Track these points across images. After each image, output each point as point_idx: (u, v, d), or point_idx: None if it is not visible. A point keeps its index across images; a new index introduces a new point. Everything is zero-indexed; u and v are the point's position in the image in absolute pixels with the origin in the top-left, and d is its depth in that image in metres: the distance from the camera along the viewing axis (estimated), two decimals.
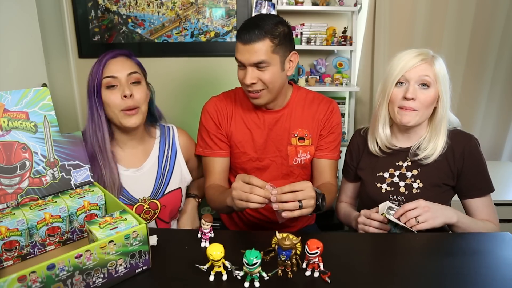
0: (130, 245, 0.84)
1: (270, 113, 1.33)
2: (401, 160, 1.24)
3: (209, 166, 1.34)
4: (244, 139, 1.33)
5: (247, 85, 1.20)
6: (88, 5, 2.34)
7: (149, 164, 1.29)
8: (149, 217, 1.27)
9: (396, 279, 0.87)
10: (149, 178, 1.27)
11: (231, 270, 0.85)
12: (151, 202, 1.26)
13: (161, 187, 1.29)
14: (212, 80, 2.44)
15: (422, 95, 1.13)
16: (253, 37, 1.14)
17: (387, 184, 1.24)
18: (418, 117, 1.15)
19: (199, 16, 2.35)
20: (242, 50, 1.18)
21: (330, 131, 1.34)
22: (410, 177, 1.21)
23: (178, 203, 1.34)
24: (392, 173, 1.24)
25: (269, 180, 1.35)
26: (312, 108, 1.34)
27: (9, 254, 0.88)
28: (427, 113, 1.17)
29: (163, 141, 1.33)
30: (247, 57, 1.17)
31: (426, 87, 1.14)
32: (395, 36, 2.22)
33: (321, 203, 1.06)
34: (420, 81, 1.13)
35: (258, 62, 1.16)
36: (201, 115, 1.37)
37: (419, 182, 1.20)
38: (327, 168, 1.34)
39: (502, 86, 2.31)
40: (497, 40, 2.21)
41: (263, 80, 1.18)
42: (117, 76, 1.16)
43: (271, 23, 1.17)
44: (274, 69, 1.19)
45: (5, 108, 0.91)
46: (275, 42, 1.17)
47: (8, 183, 0.92)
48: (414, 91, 1.13)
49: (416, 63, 1.13)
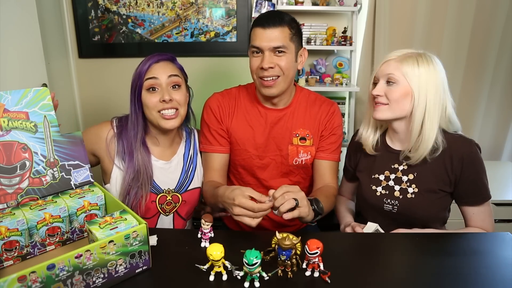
0: (130, 245, 0.84)
1: (273, 111, 1.33)
2: (397, 163, 1.23)
3: (208, 162, 1.35)
4: (245, 136, 1.33)
5: (265, 69, 1.20)
6: (88, 5, 2.34)
7: (177, 160, 1.33)
8: (169, 209, 1.31)
9: (396, 279, 0.87)
10: (176, 172, 1.32)
11: (231, 270, 0.85)
12: (174, 194, 1.30)
13: (185, 182, 1.33)
14: (212, 80, 2.44)
15: (390, 91, 1.15)
16: (275, 22, 1.19)
17: (382, 187, 1.23)
18: (389, 112, 1.16)
19: (199, 16, 2.35)
20: (261, 35, 1.20)
21: (331, 133, 1.34)
22: (406, 181, 1.19)
23: (196, 201, 1.37)
24: (387, 176, 1.23)
25: (268, 179, 1.36)
26: (314, 109, 1.35)
27: (9, 254, 0.88)
28: (401, 108, 1.15)
29: (188, 143, 1.38)
30: (267, 42, 1.19)
31: (391, 84, 1.15)
32: (395, 36, 2.22)
33: (317, 207, 1.08)
34: (386, 79, 1.16)
35: (278, 47, 1.19)
36: (203, 111, 1.37)
37: (414, 187, 1.18)
38: (328, 170, 1.34)
39: (502, 86, 2.31)
40: (497, 40, 2.21)
41: (280, 66, 1.21)
42: (158, 78, 1.19)
43: (289, 17, 1.23)
44: (290, 57, 1.22)
45: (5, 108, 0.91)
46: (292, 32, 1.22)
47: (8, 183, 0.92)
48: (381, 89, 1.16)
49: (384, 61, 1.18)
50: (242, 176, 1.39)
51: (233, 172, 1.41)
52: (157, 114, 1.21)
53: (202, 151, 1.37)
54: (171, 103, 1.20)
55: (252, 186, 1.38)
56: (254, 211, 0.96)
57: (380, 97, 1.16)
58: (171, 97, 1.19)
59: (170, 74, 1.21)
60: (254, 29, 1.22)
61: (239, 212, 0.97)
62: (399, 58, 1.15)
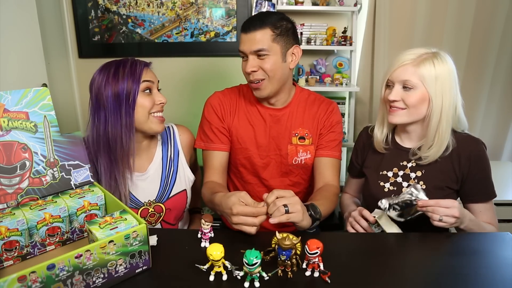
0: (130, 245, 0.84)
1: (272, 111, 1.33)
2: (405, 161, 1.23)
3: (209, 160, 1.34)
4: (246, 134, 1.33)
5: (248, 73, 1.22)
6: (88, 5, 2.34)
7: (153, 168, 1.29)
8: (154, 220, 1.28)
9: (396, 279, 0.87)
10: (154, 182, 1.28)
11: (231, 270, 0.85)
12: (156, 205, 1.27)
13: (166, 190, 1.29)
14: (212, 80, 2.44)
15: (407, 96, 1.13)
16: (255, 25, 1.19)
17: (390, 183, 1.24)
18: (406, 117, 1.16)
19: (199, 16, 2.35)
20: (244, 40, 1.22)
21: (330, 130, 1.34)
22: (414, 178, 1.20)
23: (183, 205, 1.34)
24: (396, 173, 1.24)
25: (269, 178, 1.36)
26: (313, 109, 1.35)
27: (9, 254, 0.88)
28: (418, 113, 1.15)
29: (166, 143, 1.32)
30: (248, 46, 1.20)
31: (408, 89, 1.13)
32: (395, 36, 2.22)
33: (313, 212, 1.06)
34: (402, 84, 1.14)
35: (258, 50, 1.19)
36: (204, 109, 1.37)
37: (422, 184, 1.19)
38: (328, 167, 1.32)
39: (502, 86, 2.31)
40: (497, 40, 2.21)
41: (263, 69, 1.21)
42: (153, 81, 1.20)
43: (275, 17, 1.22)
44: (274, 59, 1.22)
45: (5, 108, 0.91)
46: (276, 32, 1.21)
47: (8, 183, 0.92)
48: (397, 94, 1.14)
49: (400, 65, 1.14)
50: (243, 175, 1.39)
51: (234, 171, 1.41)
52: (151, 117, 1.18)
53: (203, 149, 1.36)
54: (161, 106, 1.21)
55: (253, 185, 1.38)
56: (254, 215, 0.96)
57: (397, 102, 1.15)
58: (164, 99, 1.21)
59: (157, 80, 1.22)
60: (241, 35, 1.24)
61: (237, 221, 0.97)
62: (415, 62, 1.12)
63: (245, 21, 1.24)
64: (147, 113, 1.18)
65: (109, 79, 1.14)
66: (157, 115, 1.20)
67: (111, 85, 1.13)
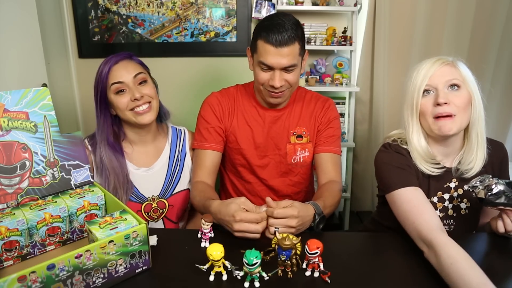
0: (130, 245, 0.84)
1: (271, 111, 1.33)
2: (448, 181, 1.10)
3: (200, 159, 1.31)
4: (244, 135, 1.33)
5: (276, 87, 1.20)
6: (88, 5, 2.34)
7: (160, 164, 1.31)
8: (157, 215, 1.29)
9: (396, 279, 0.87)
10: (159, 178, 1.30)
11: (231, 270, 0.85)
12: (159, 201, 1.29)
13: (170, 187, 1.31)
14: (212, 80, 2.44)
15: (455, 97, 1.01)
16: (286, 40, 1.13)
17: (439, 210, 1.11)
18: (458, 124, 1.02)
19: (199, 16, 2.35)
20: (272, 53, 1.15)
21: (328, 126, 1.34)
22: (457, 197, 1.10)
23: (185, 204, 1.36)
24: (440, 197, 1.11)
25: (268, 178, 1.36)
26: (310, 107, 1.35)
27: (9, 254, 0.88)
28: (466, 117, 1.03)
29: (175, 143, 1.36)
30: (279, 61, 1.16)
31: (456, 88, 1.03)
32: (395, 36, 2.22)
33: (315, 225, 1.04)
34: (448, 84, 1.03)
35: (289, 66, 1.17)
36: (201, 108, 1.36)
37: (466, 202, 1.10)
38: (329, 163, 1.31)
39: (502, 86, 2.31)
40: (497, 40, 2.21)
41: (289, 81, 1.21)
42: (124, 81, 1.18)
43: (294, 24, 1.17)
44: (298, 70, 1.22)
45: (5, 108, 0.91)
46: (301, 45, 1.19)
47: (8, 183, 0.92)
48: (445, 95, 1.01)
49: (438, 67, 1.04)
50: (242, 175, 1.39)
51: (233, 171, 1.41)
52: (130, 113, 1.20)
53: (195, 148, 1.34)
54: (143, 99, 1.19)
55: (252, 184, 1.38)
56: (258, 221, 0.96)
57: (447, 106, 1.01)
58: (141, 93, 1.19)
59: (134, 74, 1.19)
60: (264, 45, 1.15)
61: (240, 228, 0.96)
62: (450, 64, 1.05)
63: (268, 28, 1.14)
64: (126, 112, 1.20)
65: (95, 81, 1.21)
66: (138, 110, 1.20)
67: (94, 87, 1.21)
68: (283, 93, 1.23)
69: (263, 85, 1.24)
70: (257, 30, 1.20)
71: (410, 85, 1.07)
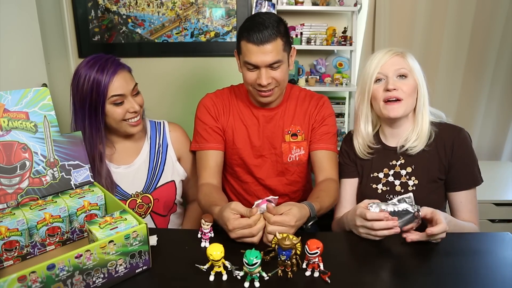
0: (130, 245, 0.84)
1: (265, 111, 1.33)
2: (394, 159, 1.24)
3: (203, 160, 1.31)
4: (240, 135, 1.33)
5: (263, 85, 1.20)
6: (88, 5, 2.34)
7: (140, 161, 1.31)
8: (143, 211, 1.29)
9: (396, 279, 0.87)
10: (141, 174, 1.29)
11: (231, 270, 0.85)
12: (143, 196, 1.29)
13: (153, 181, 1.30)
14: (212, 80, 2.44)
15: (402, 85, 1.16)
16: (267, 37, 1.15)
17: (382, 184, 1.24)
18: (404, 107, 1.16)
19: (199, 16, 2.35)
20: (256, 52, 1.16)
21: (322, 123, 1.33)
22: (405, 175, 1.21)
23: (172, 195, 1.35)
24: (386, 173, 1.24)
25: (265, 178, 1.36)
26: (304, 105, 1.35)
27: (9, 254, 0.88)
28: (412, 102, 1.18)
29: (154, 137, 1.34)
30: (262, 59, 1.16)
31: (404, 78, 1.17)
32: (395, 36, 2.22)
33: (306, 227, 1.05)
34: (397, 73, 1.16)
35: (274, 62, 1.17)
36: (197, 111, 1.36)
37: (414, 179, 1.20)
38: (326, 160, 1.30)
39: (502, 86, 2.31)
40: (497, 40, 2.21)
41: (276, 79, 1.21)
42: (125, 93, 1.18)
43: (275, 21, 1.18)
44: (285, 67, 1.22)
45: (5, 108, 0.91)
46: (284, 40, 1.19)
47: (8, 183, 0.92)
48: (394, 82, 1.15)
49: (389, 58, 1.17)
50: (239, 175, 1.39)
51: (229, 172, 1.41)
52: (124, 123, 1.21)
53: (197, 150, 1.34)
54: (138, 111, 1.21)
55: (249, 184, 1.38)
56: (251, 226, 0.95)
57: (395, 92, 1.15)
58: (139, 105, 1.20)
59: (132, 86, 1.20)
60: (246, 45, 1.17)
61: (235, 236, 0.96)
62: (400, 55, 1.19)
63: (246, 29, 1.16)
64: (119, 121, 1.20)
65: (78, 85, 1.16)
66: (131, 121, 1.21)
67: (79, 93, 1.16)
68: (272, 91, 1.23)
69: (251, 85, 1.24)
70: (239, 31, 1.21)
71: (364, 73, 1.21)
